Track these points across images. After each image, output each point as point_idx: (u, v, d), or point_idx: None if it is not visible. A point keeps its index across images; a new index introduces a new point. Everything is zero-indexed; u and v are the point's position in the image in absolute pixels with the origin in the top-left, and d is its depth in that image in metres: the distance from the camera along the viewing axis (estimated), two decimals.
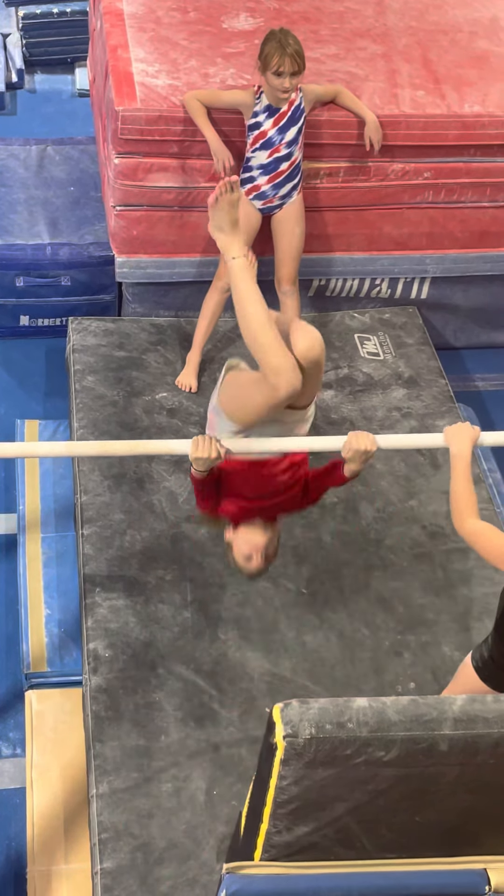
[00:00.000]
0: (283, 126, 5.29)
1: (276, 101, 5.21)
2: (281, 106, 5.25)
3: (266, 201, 5.45)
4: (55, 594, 4.93)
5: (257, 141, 5.32)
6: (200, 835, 3.98)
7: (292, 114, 5.29)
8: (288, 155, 5.35)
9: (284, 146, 5.32)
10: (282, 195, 5.46)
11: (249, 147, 5.36)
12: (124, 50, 5.83)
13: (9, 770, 4.53)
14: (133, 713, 4.28)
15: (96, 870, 3.87)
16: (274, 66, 5.07)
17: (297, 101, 5.29)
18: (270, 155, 5.34)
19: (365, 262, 6.17)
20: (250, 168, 5.40)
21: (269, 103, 5.25)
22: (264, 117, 5.28)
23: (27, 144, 6.81)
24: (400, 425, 5.58)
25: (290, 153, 5.35)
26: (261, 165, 5.37)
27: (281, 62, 5.05)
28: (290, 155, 5.35)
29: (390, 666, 4.59)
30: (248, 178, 5.42)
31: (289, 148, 5.33)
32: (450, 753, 2.76)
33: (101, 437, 5.27)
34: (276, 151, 5.33)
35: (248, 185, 5.43)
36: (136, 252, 5.94)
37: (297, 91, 5.28)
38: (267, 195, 5.44)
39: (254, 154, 5.36)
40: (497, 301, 6.49)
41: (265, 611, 4.72)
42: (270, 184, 5.41)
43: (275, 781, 2.79)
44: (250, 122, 5.33)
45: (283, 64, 5.06)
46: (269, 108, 5.27)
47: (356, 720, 2.72)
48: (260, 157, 5.35)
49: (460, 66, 6.06)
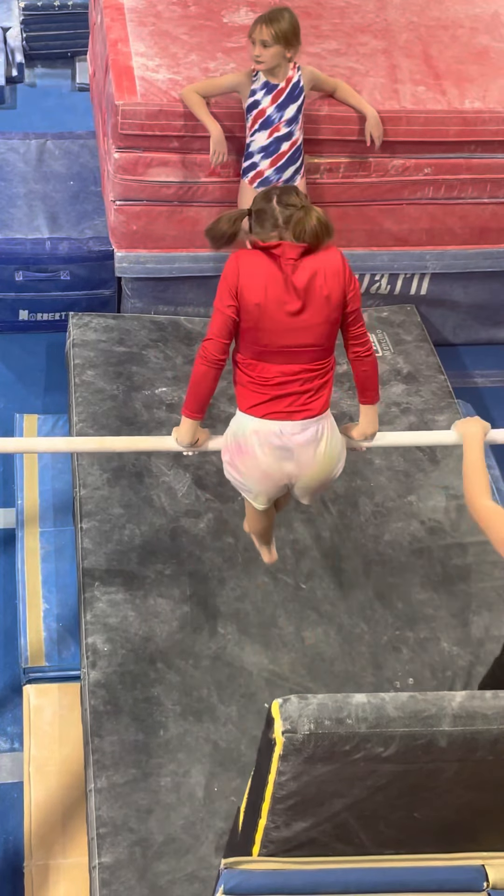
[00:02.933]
0: (281, 103, 5.30)
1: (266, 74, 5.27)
2: (279, 82, 5.27)
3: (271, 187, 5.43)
4: (54, 588, 4.93)
5: (256, 121, 5.33)
6: (199, 830, 3.98)
7: (290, 91, 5.30)
8: (288, 134, 5.35)
9: (284, 124, 5.32)
10: (285, 179, 5.45)
11: (249, 130, 5.36)
12: (124, 44, 5.82)
13: (7, 764, 4.53)
14: (132, 708, 4.29)
15: (94, 864, 3.88)
16: (250, 31, 5.18)
17: (294, 77, 5.31)
18: (270, 135, 5.34)
19: (365, 258, 6.17)
20: (251, 154, 5.40)
21: (267, 80, 5.27)
22: (262, 94, 5.30)
23: (27, 138, 6.80)
24: (399, 421, 5.58)
25: (290, 132, 5.35)
26: (261, 148, 5.37)
27: (253, 28, 5.17)
28: (290, 134, 5.35)
29: (389, 661, 4.59)
30: (250, 164, 5.43)
31: (288, 126, 5.33)
32: (449, 750, 2.75)
33: (100, 431, 5.27)
34: (276, 130, 5.33)
35: (251, 173, 5.43)
36: (136, 247, 5.94)
37: (294, 69, 5.31)
38: (270, 180, 5.43)
39: (253, 137, 5.37)
40: (497, 298, 6.49)
41: (264, 605, 4.72)
42: (273, 167, 5.40)
43: (273, 777, 2.79)
44: (249, 103, 5.34)
45: (254, 30, 5.16)
46: (267, 85, 5.28)
47: (355, 716, 2.72)
48: (260, 138, 5.36)
49: (461, 62, 6.06)
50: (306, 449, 3.83)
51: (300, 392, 3.81)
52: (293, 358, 3.78)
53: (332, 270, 3.72)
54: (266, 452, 3.83)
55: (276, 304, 3.70)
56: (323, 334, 3.78)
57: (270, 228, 3.71)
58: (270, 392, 3.80)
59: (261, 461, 3.84)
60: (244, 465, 3.89)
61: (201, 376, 3.84)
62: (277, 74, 5.28)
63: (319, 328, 3.76)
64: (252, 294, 3.69)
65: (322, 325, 3.75)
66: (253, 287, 3.70)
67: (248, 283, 3.70)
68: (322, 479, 3.94)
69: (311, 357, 3.80)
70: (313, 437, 3.83)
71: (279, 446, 3.82)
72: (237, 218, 3.77)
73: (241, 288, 3.70)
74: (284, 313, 3.71)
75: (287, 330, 3.73)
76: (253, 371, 3.80)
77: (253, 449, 3.83)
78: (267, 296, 3.69)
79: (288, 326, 3.73)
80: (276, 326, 3.73)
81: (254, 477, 3.90)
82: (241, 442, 3.87)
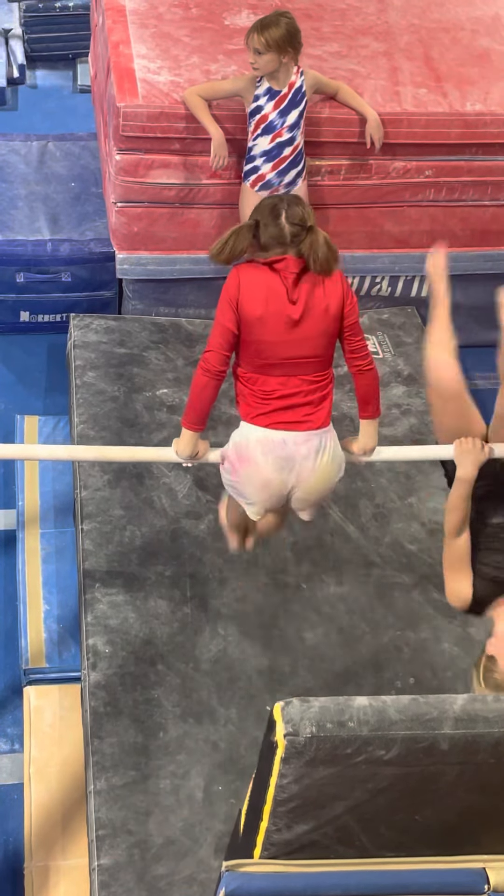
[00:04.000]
0: (284, 109, 5.30)
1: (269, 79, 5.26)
2: (281, 88, 5.27)
3: (272, 191, 5.44)
4: (54, 590, 4.93)
5: (259, 126, 5.33)
6: (198, 832, 3.98)
7: (293, 96, 5.30)
8: (290, 140, 5.35)
9: (286, 130, 5.33)
10: (287, 182, 5.45)
11: (251, 135, 5.37)
12: (126, 46, 5.82)
13: (7, 766, 4.54)
14: (132, 709, 4.29)
15: (94, 866, 3.88)
16: (245, 37, 5.21)
17: (297, 83, 5.31)
18: (273, 140, 5.35)
19: (365, 260, 6.17)
20: (253, 158, 5.41)
21: (270, 85, 5.27)
22: (265, 100, 5.30)
23: (28, 140, 6.80)
24: (399, 423, 5.59)
25: (292, 137, 5.35)
26: (264, 152, 5.37)
27: (248, 35, 5.19)
28: (292, 140, 5.36)
29: (390, 662, 4.59)
30: (251, 168, 5.43)
31: (291, 132, 5.34)
32: (450, 752, 2.76)
33: (101, 432, 5.27)
34: (279, 136, 5.34)
35: (252, 176, 5.44)
36: (137, 249, 5.94)
37: (297, 73, 5.31)
38: (272, 183, 5.43)
39: (256, 142, 5.37)
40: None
41: (265, 607, 4.72)
42: (274, 171, 5.41)
43: (275, 780, 2.79)
44: (251, 108, 5.35)
45: (248, 37, 5.19)
46: (270, 91, 5.28)
47: (357, 719, 2.72)
48: (262, 143, 5.36)
49: (462, 65, 6.06)
50: (307, 460, 3.85)
51: (303, 404, 3.84)
52: (293, 370, 3.82)
53: (330, 283, 3.78)
54: (269, 462, 3.84)
55: (276, 316, 3.74)
56: (321, 345, 3.83)
57: (276, 245, 3.76)
58: (273, 404, 3.83)
59: (262, 469, 3.85)
60: (245, 473, 3.89)
61: (202, 388, 3.86)
62: (280, 79, 5.28)
63: (318, 340, 3.80)
64: (253, 307, 3.74)
65: (321, 336, 3.80)
66: (254, 300, 3.74)
67: (248, 296, 3.75)
68: (320, 491, 3.96)
69: (311, 369, 3.84)
70: (316, 449, 3.85)
71: (282, 456, 3.83)
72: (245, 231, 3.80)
73: (241, 301, 3.75)
74: (284, 325, 3.75)
75: (287, 342, 3.77)
76: (254, 385, 3.84)
77: (255, 457, 3.84)
78: (268, 308, 3.74)
79: (288, 338, 3.77)
80: (276, 338, 3.76)
81: (254, 485, 3.90)
82: (242, 451, 3.88)
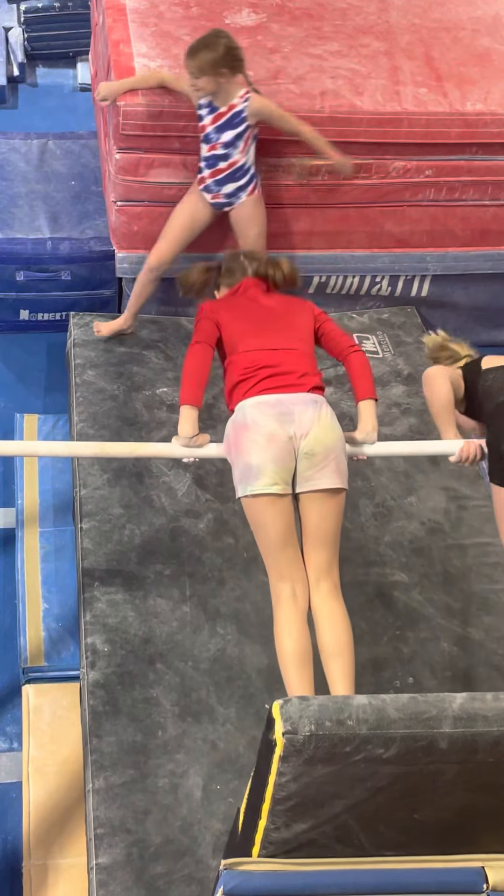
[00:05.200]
0: (220, 126, 5.29)
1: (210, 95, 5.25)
2: (220, 106, 5.27)
3: (213, 196, 5.47)
4: (53, 588, 4.93)
5: (200, 131, 5.37)
6: (197, 831, 3.98)
7: (230, 118, 5.27)
8: (224, 156, 5.34)
9: (221, 146, 5.33)
10: (227, 194, 5.44)
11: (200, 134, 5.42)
12: (126, 45, 5.82)
13: (5, 764, 4.53)
14: (130, 708, 4.28)
15: (92, 865, 3.87)
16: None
17: (238, 106, 5.26)
18: (210, 150, 5.38)
19: (366, 260, 6.17)
20: (199, 159, 5.45)
21: (211, 100, 5.27)
22: (206, 112, 5.33)
23: (28, 138, 6.80)
24: (399, 422, 5.58)
25: (226, 154, 5.34)
26: (204, 157, 5.42)
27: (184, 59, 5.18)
28: (226, 156, 5.34)
29: (388, 661, 4.59)
30: (198, 168, 5.48)
31: (225, 149, 5.33)
32: (449, 751, 2.76)
33: (100, 431, 5.27)
34: (213, 149, 5.35)
35: (198, 175, 5.48)
36: (137, 247, 5.94)
37: (241, 98, 5.25)
38: (212, 189, 5.45)
39: (200, 144, 5.39)
40: (497, 300, 6.49)
41: (264, 605, 4.71)
42: (213, 179, 5.42)
43: (274, 778, 2.79)
44: (197, 113, 5.37)
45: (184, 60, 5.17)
46: (210, 105, 5.30)
47: (356, 717, 2.72)
48: (203, 148, 5.41)
49: (463, 64, 6.06)
50: (306, 412, 4.02)
51: (289, 372, 4.15)
52: (276, 357, 4.17)
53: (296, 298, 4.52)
54: (268, 417, 4.00)
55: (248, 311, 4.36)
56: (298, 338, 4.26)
57: (239, 278, 4.50)
58: (261, 373, 4.12)
59: (263, 426, 3.99)
60: (247, 437, 4.00)
61: (192, 355, 4.23)
62: (220, 98, 5.24)
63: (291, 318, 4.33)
64: (226, 312, 4.33)
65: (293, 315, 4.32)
66: (225, 308, 4.36)
67: (220, 307, 4.38)
68: (326, 444, 4.02)
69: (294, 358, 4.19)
70: (313, 401, 4.08)
71: (280, 411, 4.01)
72: (208, 268, 4.55)
73: (215, 311, 4.34)
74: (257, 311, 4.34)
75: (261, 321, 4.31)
76: (240, 365, 4.18)
77: (254, 419, 4.02)
78: (239, 310, 4.35)
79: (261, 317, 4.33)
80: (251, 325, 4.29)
81: (259, 445, 3.97)
82: (240, 422, 4.07)
